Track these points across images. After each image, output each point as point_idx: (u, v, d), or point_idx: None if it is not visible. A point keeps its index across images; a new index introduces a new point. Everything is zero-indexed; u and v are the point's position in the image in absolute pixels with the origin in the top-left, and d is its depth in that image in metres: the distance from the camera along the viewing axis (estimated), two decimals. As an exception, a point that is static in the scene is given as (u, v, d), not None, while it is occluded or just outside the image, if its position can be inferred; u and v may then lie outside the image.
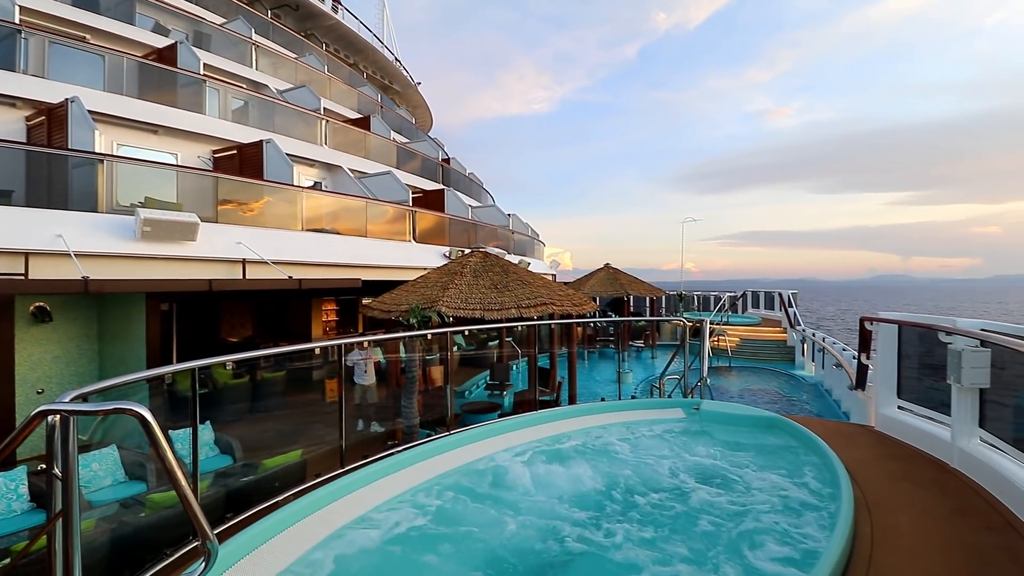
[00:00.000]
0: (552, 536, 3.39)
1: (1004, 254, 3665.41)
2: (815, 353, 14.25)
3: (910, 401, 4.94)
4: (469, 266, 8.88)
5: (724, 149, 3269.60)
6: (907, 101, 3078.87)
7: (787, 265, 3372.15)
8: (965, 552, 2.83)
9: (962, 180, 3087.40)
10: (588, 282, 19.37)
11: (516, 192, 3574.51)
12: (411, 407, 6.23)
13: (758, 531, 3.42)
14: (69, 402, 1.74)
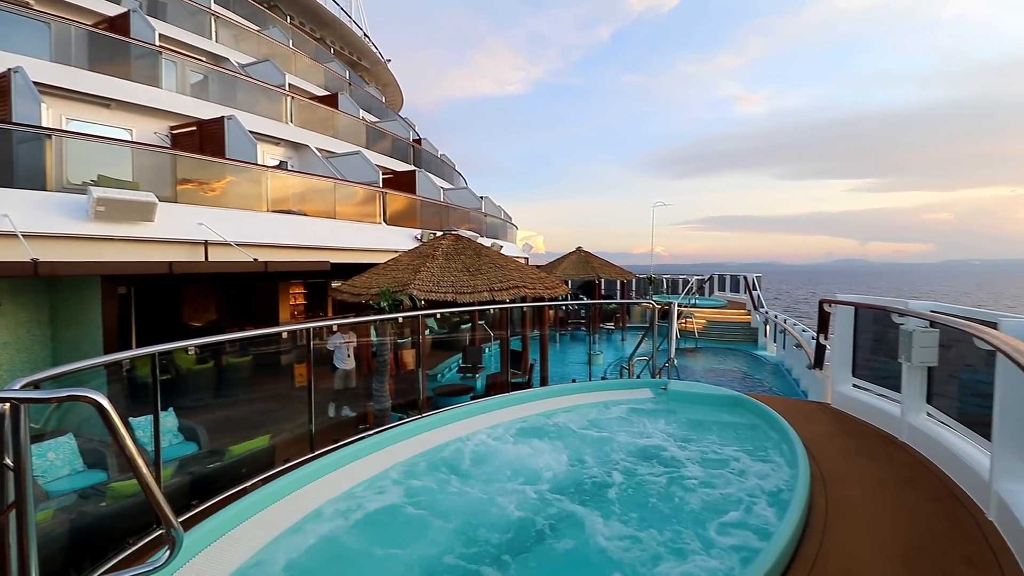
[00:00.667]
0: (525, 514, 3.45)
1: (954, 240, 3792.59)
2: (777, 334, 14.77)
3: (864, 379, 5.19)
4: (441, 249, 8.80)
5: (695, 134, 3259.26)
6: (868, 91, 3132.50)
7: (752, 249, 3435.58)
8: (912, 520, 3.01)
9: (916, 168, 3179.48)
10: (560, 265, 19.49)
11: (489, 175, 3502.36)
12: (383, 391, 6.20)
13: (721, 504, 3.56)
14: (20, 389, 1.66)
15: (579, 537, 3.19)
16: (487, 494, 3.73)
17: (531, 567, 2.87)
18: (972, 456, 3.44)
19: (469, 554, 3.00)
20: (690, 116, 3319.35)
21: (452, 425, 4.87)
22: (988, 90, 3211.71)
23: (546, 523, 3.35)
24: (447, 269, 8.21)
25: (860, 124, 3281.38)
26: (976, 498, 3.21)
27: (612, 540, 3.14)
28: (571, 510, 3.51)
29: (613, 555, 2.98)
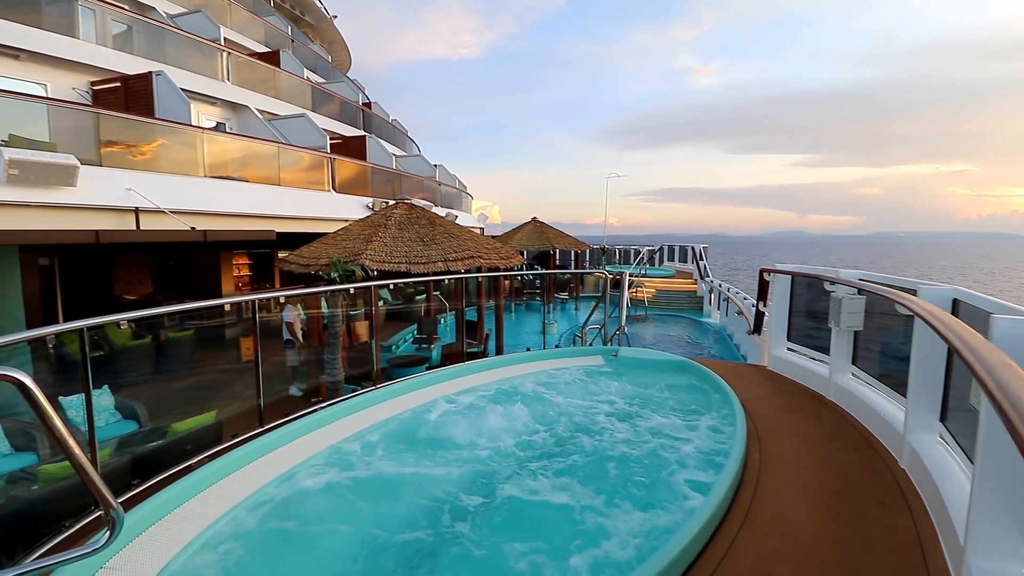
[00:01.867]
0: (483, 480, 3.53)
1: (883, 213, 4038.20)
2: (720, 302, 15.47)
3: (798, 343, 5.55)
4: (394, 218, 8.60)
5: (648, 106, 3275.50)
6: (812, 68, 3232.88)
7: (700, 220, 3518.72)
8: (835, 470, 3.30)
9: (851, 144, 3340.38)
10: (516, 235, 19.51)
11: (443, 142, 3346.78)
12: (335, 363, 6.09)
13: (667, 461, 3.78)
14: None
15: (537, 499, 3.30)
16: (444, 462, 3.79)
17: (490, 532, 2.95)
18: (889, 411, 3.78)
19: (427, 523, 3.04)
20: (644, 87, 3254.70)
21: (408, 395, 4.87)
22: (917, 72, 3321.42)
23: (504, 487, 3.44)
24: (400, 239, 8.04)
25: (803, 101, 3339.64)
26: (891, 449, 3.55)
27: (568, 500, 3.27)
28: (528, 473, 3.62)
29: (569, 514, 3.11)
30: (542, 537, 2.86)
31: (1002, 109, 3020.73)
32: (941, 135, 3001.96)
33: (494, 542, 2.85)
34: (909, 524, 2.66)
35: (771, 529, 2.64)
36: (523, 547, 2.77)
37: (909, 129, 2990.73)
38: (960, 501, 2.41)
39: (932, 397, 3.13)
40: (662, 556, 2.24)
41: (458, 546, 2.82)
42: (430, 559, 2.72)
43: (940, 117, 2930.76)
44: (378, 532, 2.95)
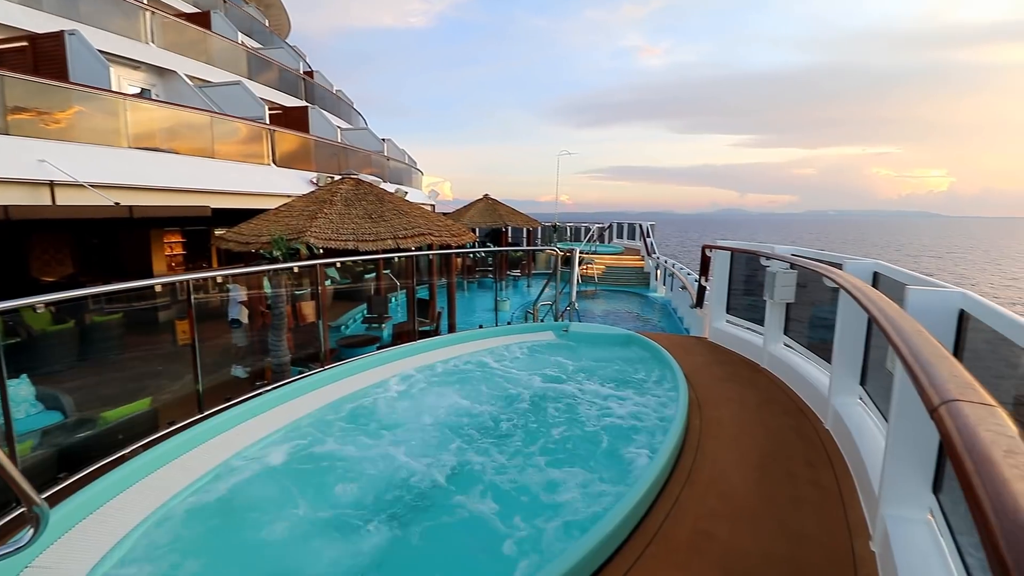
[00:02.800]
0: (437, 458, 3.54)
1: (816, 193, 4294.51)
2: (666, 278, 16.03)
3: (736, 316, 5.85)
4: (340, 194, 8.29)
5: (599, 84, 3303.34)
6: (755, 51, 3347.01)
7: (648, 198, 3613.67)
8: (767, 433, 3.53)
9: (788, 127, 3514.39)
10: (467, 213, 19.30)
11: (392, 116, 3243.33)
12: (280, 344, 5.88)
13: (616, 430, 3.93)
14: None
15: (490, 472, 3.35)
16: (397, 442, 3.77)
17: (446, 508, 2.97)
18: (816, 377, 4.07)
19: (380, 505, 3.03)
20: (595, 65, 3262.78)
21: (358, 375, 4.79)
22: (848, 58, 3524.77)
23: (459, 463, 3.47)
24: (347, 216, 7.78)
25: (745, 83, 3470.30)
26: (817, 411, 3.83)
27: (521, 472, 3.34)
28: (481, 448, 3.67)
29: (522, 486, 3.18)
30: (499, 510, 2.92)
31: (920, 95, 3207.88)
32: (867, 119, 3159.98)
33: (450, 519, 2.88)
34: (832, 480, 2.90)
35: (710, 490, 2.81)
36: (481, 521, 2.83)
37: (840, 113, 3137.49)
38: (876, 457, 2.65)
39: (853, 363, 3.39)
40: (612, 518, 2.34)
41: (413, 526, 2.83)
42: (384, 541, 2.72)
43: (867, 102, 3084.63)
44: (328, 518, 2.88)
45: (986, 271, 46.98)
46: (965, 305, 2.04)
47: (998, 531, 0.57)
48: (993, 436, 0.76)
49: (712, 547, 2.34)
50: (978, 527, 0.61)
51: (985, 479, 0.66)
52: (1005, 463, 0.68)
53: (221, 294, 7.38)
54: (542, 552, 2.58)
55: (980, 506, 0.63)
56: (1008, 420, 0.82)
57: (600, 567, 2.20)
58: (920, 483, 2.11)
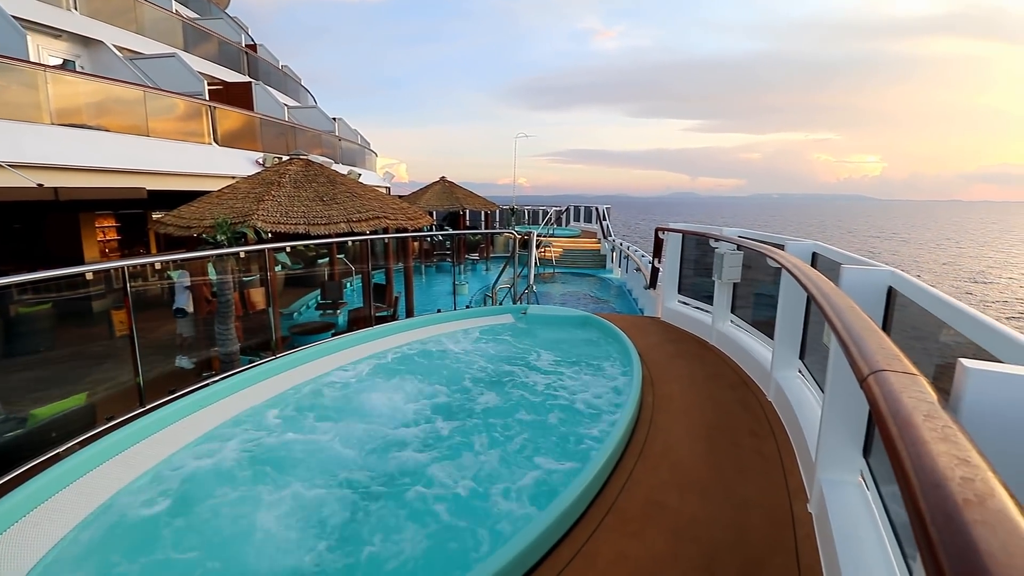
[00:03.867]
0: (395, 443, 3.52)
1: (762, 177, 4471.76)
2: (621, 260, 16.37)
3: (687, 296, 6.05)
4: (288, 175, 7.95)
5: (556, 66, 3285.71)
6: (707, 37, 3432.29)
7: (604, 182, 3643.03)
8: (714, 406, 3.70)
9: (736, 112, 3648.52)
10: (424, 195, 18.96)
11: (344, 95, 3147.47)
12: (227, 333, 5.63)
13: (574, 406, 4.03)
14: None
15: (451, 454, 3.36)
16: (355, 429, 3.72)
17: (405, 492, 2.96)
18: (760, 352, 4.28)
19: (337, 492, 2.98)
20: (552, 46, 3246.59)
21: (313, 363, 4.68)
22: (792, 46, 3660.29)
23: (417, 447, 3.46)
24: (297, 198, 7.48)
25: (696, 68, 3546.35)
26: (761, 384, 4.04)
27: (482, 452, 3.38)
28: (441, 431, 3.67)
29: (484, 465, 3.22)
30: (462, 489, 2.94)
31: (856, 84, 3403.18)
32: (809, 106, 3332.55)
33: (412, 502, 2.88)
34: (773, 448, 3.08)
35: (661, 462, 2.93)
36: (444, 501, 2.84)
37: (783, 100, 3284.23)
38: (813, 426, 2.83)
39: (793, 338, 3.58)
40: (570, 493, 2.42)
41: (372, 513, 2.81)
42: (343, 529, 2.69)
43: (809, 89, 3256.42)
44: (283, 511, 2.80)
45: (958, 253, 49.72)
46: (893, 282, 2.19)
47: (917, 487, 0.62)
48: (915, 402, 0.82)
49: (664, 515, 2.45)
50: (900, 484, 0.66)
51: (907, 441, 0.72)
52: (925, 426, 0.74)
53: (162, 282, 6.99)
54: (505, 526, 2.63)
55: (902, 465, 0.68)
56: (928, 387, 0.89)
57: (560, 539, 2.27)
58: (852, 448, 2.28)
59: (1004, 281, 32.11)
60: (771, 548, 2.21)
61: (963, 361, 1.00)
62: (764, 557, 2.16)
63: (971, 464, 0.64)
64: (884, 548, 1.91)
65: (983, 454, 0.66)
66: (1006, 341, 1.26)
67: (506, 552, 2.04)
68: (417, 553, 2.52)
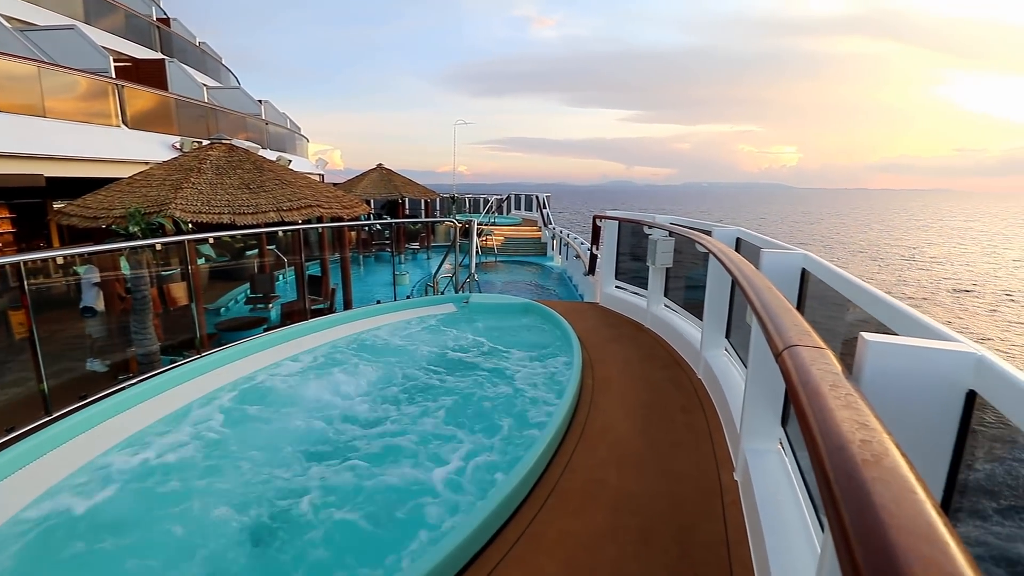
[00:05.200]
0: (334, 441, 3.42)
1: (692, 166, 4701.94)
2: (562, 247, 16.64)
3: (623, 281, 6.26)
4: (210, 161, 7.43)
5: (494, 53, 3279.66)
6: (641, 28, 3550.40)
7: (544, 170, 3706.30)
8: (649, 386, 3.87)
9: (668, 103, 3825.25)
10: (360, 183, 18.35)
11: (271, 77, 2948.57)
12: (145, 332, 5.22)
13: (517, 392, 4.08)
14: None
15: (394, 447, 3.31)
16: (291, 427, 3.58)
17: (346, 491, 2.88)
18: (690, 333, 4.51)
19: (270, 497, 2.86)
20: (490, 33, 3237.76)
21: (243, 360, 4.44)
22: (718, 40, 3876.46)
23: (358, 443, 3.38)
24: (220, 186, 7.02)
25: (631, 59, 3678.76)
26: (691, 363, 4.26)
27: (427, 443, 3.34)
28: (383, 425, 3.60)
29: (430, 455, 3.19)
30: (406, 483, 2.91)
31: (772, 79, 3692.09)
32: (732, 99, 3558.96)
33: (356, 497, 2.82)
34: (703, 422, 3.26)
35: (600, 442, 3.03)
36: (388, 494, 2.80)
37: (710, 92, 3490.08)
38: (738, 400, 3.02)
39: (720, 318, 3.80)
40: (515, 475, 2.46)
41: (313, 512, 2.72)
42: (277, 535, 2.58)
43: (733, 83, 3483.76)
44: (211, 522, 2.63)
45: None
46: (806, 264, 2.36)
47: (823, 450, 0.68)
48: (822, 373, 0.89)
49: (603, 492, 2.54)
50: (809, 448, 0.72)
51: (815, 408, 0.78)
52: (830, 395, 0.80)
53: (68, 278, 6.36)
54: (452, 513, 2.63)
55: (811, 431, 0.74)
56: (834, 359, 0.97)
57: (506, 522, 2.31)
58: (772, 419, 2.45)
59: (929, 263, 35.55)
60: (701, 516, 2.36)
61: (864, 335, 1.10)
62: (695, 524, 2.30)
63: (869, 428, 0.70)
64: (800, 509, 2.08)
65: (880, 418, 0.73)
66: (901, 316, 1.40)
67: (453, 537, 2.05)
68: (362, 546, 2.48)
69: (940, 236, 55.75)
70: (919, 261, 36.12)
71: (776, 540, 1.92)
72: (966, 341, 1.10)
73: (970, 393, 1.04)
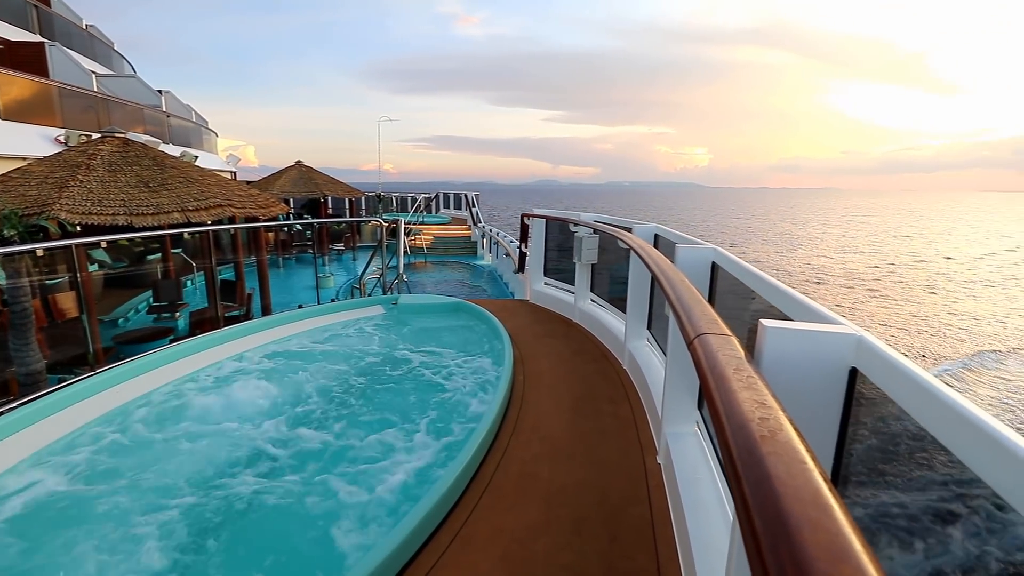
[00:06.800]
0: (253, 458, 3.19)
1: (615, 166, 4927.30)
2: (491, 246, 16.72)
3: (552, 278, 6.39)
4: (101, 157, 6.72)
5: (418, 49, 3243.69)
6: (563, 29, 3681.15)
7: (472, 169, 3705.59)
8: (579, 379, 3.98)
9: (590, 104, 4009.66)
10: (277, 181, 17.36)
11: (173, 65, 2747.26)
12: (26, 348, 4.62)
13: (449, 392, 4.05)
14: None
15: (321, 460, 3.16)
16: (205, 445, 3.31)
17: (268, 510, 2.72)
18: (616, 326, 4.69)
19: (178, 528, 2.64)
20: (414, 28, 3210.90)
21: (145, 375, 4.06)
22: (635, 45, 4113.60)
23: (280, 459, 3.19)
24: (114, 184, 6.37)
25: (555, 60, 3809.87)
26: (617, 355, 4.43)
27: (357, 451, 3.23)
28: (308, 437, 3.43)
29: (361, 463, 3.08)
30: (333, 496, 2.79)
31: (682, 83, 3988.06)
32: (648, 101, 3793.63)
33: (280, 515, 2.66)
34: (628, 411, 3.41)
35: (533, 437, 3.08)
36: (314, 509, 2.67)
37: (629, 94, 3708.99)
38: (659, 387, 3.18)
39: (642, 311, 3.98)
40: (447, 477, 2.44)
41: (229, 541, 2.54)
42: (191, 556, 2.40)
43: (648, 86, 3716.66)
44: (109, 555, 2.37)
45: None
46: (715, 258, 2.53)
47: (728, 429, 0.73)
48: (727, 359, 0.96)
49: (536, 486, 2.58)
50: (716, 428, 0.77)
51: (721, 391, 0.84)
52: (734, 378, 0.86)
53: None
54: (386, 520, 2.56)
55: (717, 411, 0.79)
56: (738, 345, 1.04)
57: (440, 524, 2.28)
58: (689, 403, 2.61)
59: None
60: (629, 500, 2.46)
61: (763, 321, 1.19)
62: (623, 509, 2.39)
63: (767, 406, 0.76)
64: (716, 485, 2.23)
65: (776, 397, 0.80)
66: (795, 303, 1.53)
67: (386, 544, 2.00)
68: (289, 561, 2.35)
69: (834, 229, 61.95)
70: (807, 248, 39.89)
71: (695, 516, 2.04)
72: (848, 323, 1.23)
73: (852, 370, 1.17)
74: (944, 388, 0.89)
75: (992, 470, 0.77)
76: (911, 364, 0.99)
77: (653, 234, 3.89)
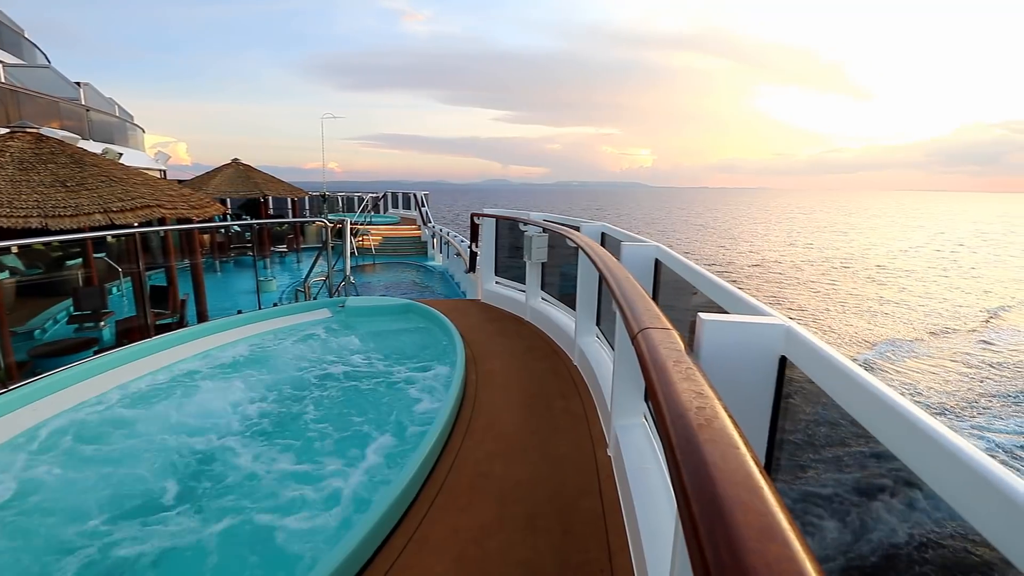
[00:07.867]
0: (190, 476, 3.01)
1: (563, 166, 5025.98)
2: (442, 246, 16.57)
3: (503, 277, 6.41)
4: (10, 154, 6.16)
5: (363, 44, 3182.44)
6: (510, 29, 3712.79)
7: (421, 168, 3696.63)
8: (530, 377, 4.02)
9: (539, 105, 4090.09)
10: (213, 180, 16.48)
11: (93, 56, 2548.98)
12: (-77, 365, 4.17)
13: (401, 395, 3.98)
14: None
15: (269, 474, 3.01)
16: (135, 463, 3.10)
17: (215, 523, 2.58)
18: (566, 323, 4.76)
19: (109, 548, 2.47)
20: (358, 24, 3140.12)
21: (67, 390, 3.75)
22: (580, 47, 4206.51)
23: (222, 474, 3.03)
24: (25, 183, 5.84)
25: (502, 60, 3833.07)
26: (567, 352, 4.50)
27: (306, 461, 3.11)
28: (251, 450, 3.26)
29: (310, 473, 2.97)
30: (278, 512, 2.67)
31: (631, 85, 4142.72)
32: (594, 102, 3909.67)
33: (221, 537, 2.53)
34: (580, 406, 3.47)
35: (486, 436, 3.08)
36: (246, 548, 2.51)
37: (575, 95, 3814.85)
38: (608, 381, 3.25)
39: (591, 308, 4.07)
40: (400, 480, 2.41)
41: (169, 552, 2.39)
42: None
43: (593, 88, 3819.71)
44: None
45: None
46: (659, 255, 2.62)
47: (668, 418, 0.75)
48: (668, 352, 0.99)
49: (489, 484, 2.59)
50: (657, 418, 0.80)
51: (662, 382, 0.87)
52: (674, 370, 0.90)
53: None
54: (337, 528, 2.48)
55: (659, 402, 0.82)
56: (679, 338, 1.08)
57: (394, 527, 2.25)
58: (636, 396, 2.69)
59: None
60: (581, 493, 2.51)
61: (700, 314, 1.25)
62: (575, 502, 2.44)
63: (704, 396, 0.79)
64: (663, 473, 2.31)
65: (713, 386, 0.84)
66: (730, 296, 1.61)
67: (341, 549, 1.95)
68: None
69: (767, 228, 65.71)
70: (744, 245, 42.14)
71: (644, 505, 2.11)
72: (777, 314, 1.30)
73: (782, 358, 1.24)
74: (863, 373, 0.96)
75: (905, 448, 0.84)
76: (833, 351, 1.06)
77: (600, 232, 3.97)
